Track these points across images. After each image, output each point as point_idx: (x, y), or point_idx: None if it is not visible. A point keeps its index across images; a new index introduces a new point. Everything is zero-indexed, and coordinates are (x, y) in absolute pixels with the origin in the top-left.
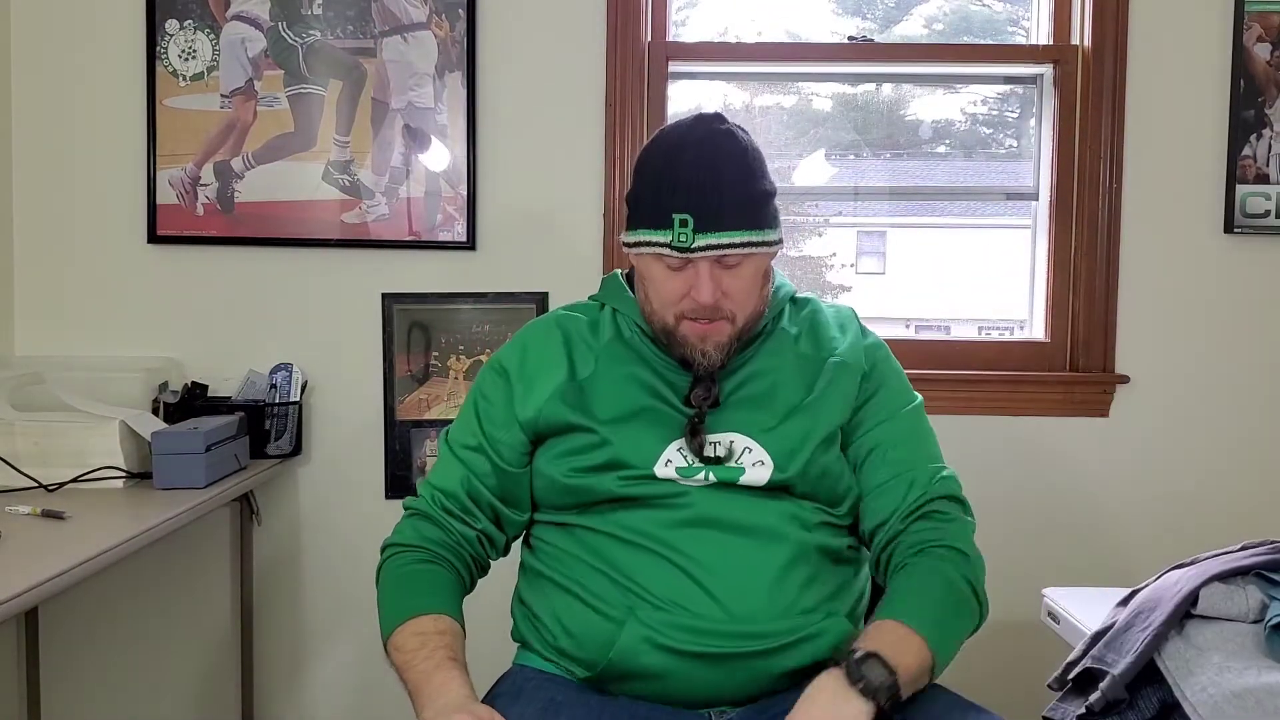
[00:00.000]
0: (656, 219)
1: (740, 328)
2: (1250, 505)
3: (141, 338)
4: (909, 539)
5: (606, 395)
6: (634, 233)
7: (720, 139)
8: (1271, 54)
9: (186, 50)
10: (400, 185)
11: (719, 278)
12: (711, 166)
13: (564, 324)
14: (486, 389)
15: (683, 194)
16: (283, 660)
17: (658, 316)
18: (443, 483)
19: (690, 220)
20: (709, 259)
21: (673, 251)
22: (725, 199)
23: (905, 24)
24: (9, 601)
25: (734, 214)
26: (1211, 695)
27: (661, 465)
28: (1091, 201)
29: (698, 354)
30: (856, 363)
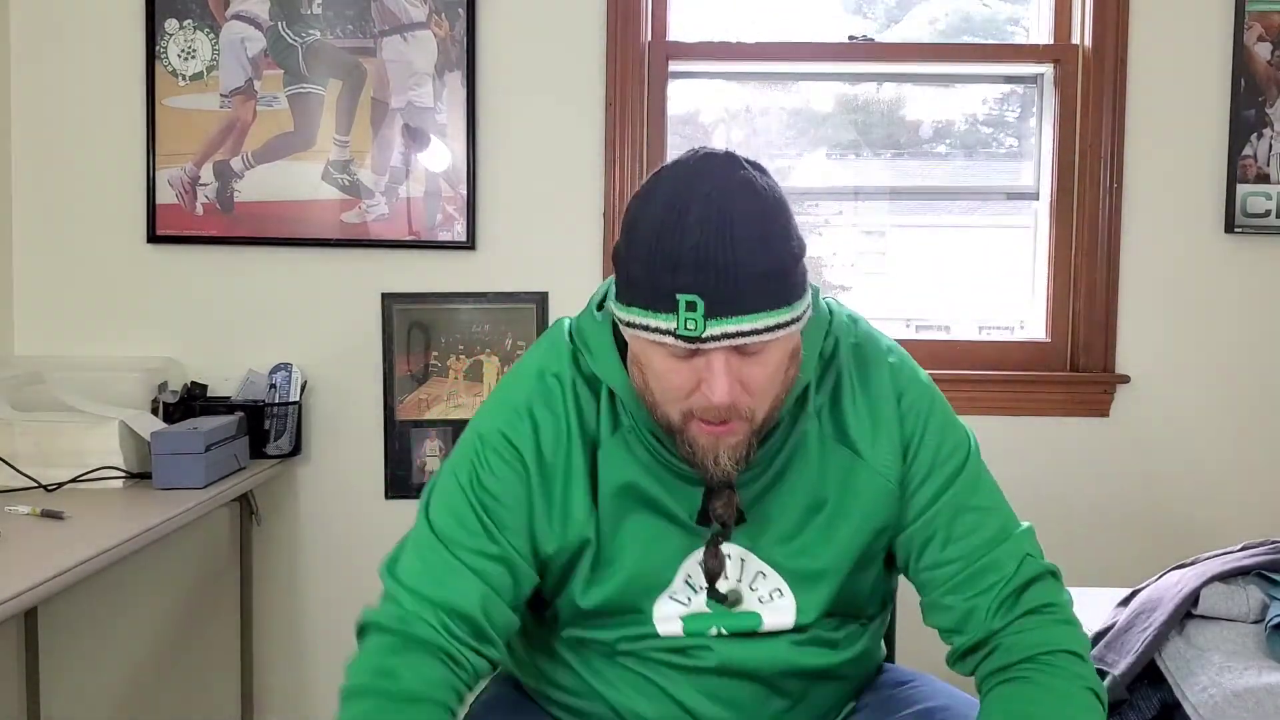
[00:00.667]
0: (655, 299)
1: (760, 424)
2: (1250, 505)
3: (141, 338)
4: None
5: (607, 517)
6: (627, 309)
7: (735, 192)
8: (1272, 54)
9: (186, 50)
10: (400, 185)
11: (736, 368)
12: (725, 232)
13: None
14: (492, 475)
15: (688, 270)
16: (283, 660)
17: (660, 411)
18: (449, 597)
19: (699, 303)
20: (724, 348)
21: (678, 341)
22: (743, 274)
23: (905, 24)
24: (9, 601)
25: (755, 292)
26: (1212, 695)
27: (665, 618)
28: (1092, 201)
29: (709, 462)
30: (892, 468)
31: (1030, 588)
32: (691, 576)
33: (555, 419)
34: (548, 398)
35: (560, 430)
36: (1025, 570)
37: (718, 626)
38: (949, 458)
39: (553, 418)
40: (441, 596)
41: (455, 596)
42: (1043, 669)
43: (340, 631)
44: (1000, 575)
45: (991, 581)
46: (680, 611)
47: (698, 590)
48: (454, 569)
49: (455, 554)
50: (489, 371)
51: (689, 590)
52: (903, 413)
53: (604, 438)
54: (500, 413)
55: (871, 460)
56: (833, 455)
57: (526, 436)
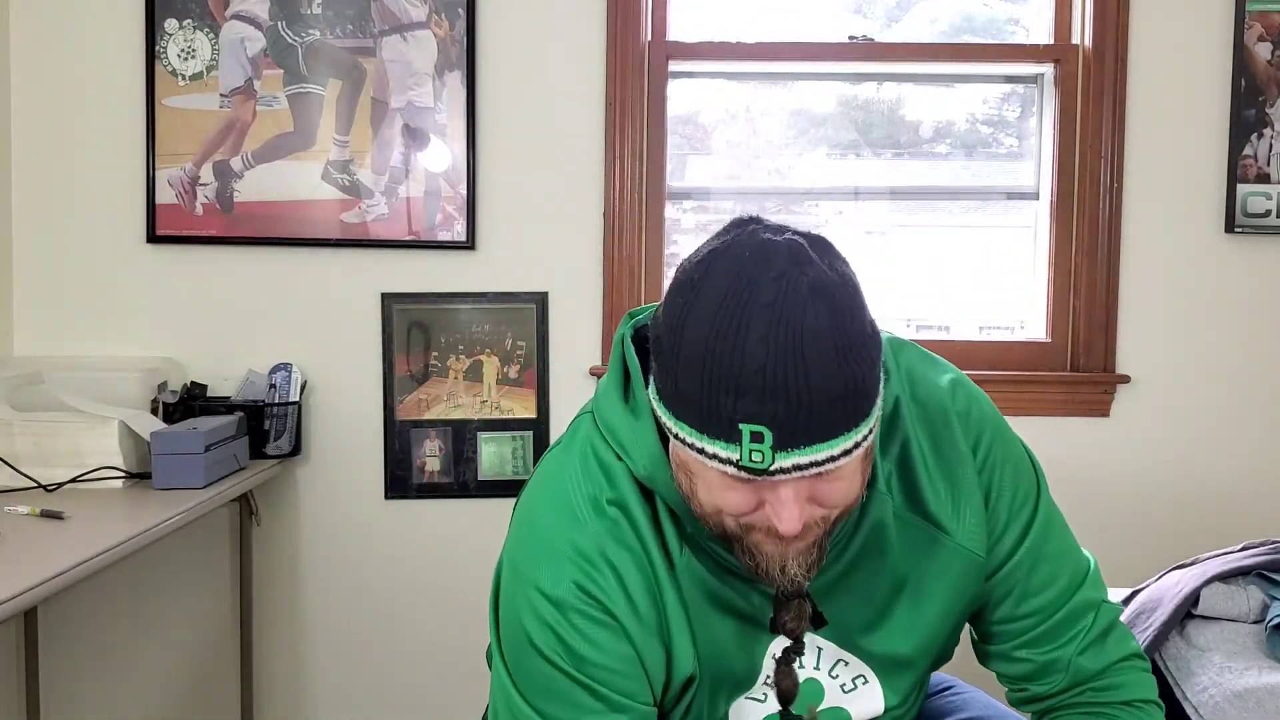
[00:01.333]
0: (713, 424)
1: (832, 527)
2: (1250, 505)
3: (141, 338)
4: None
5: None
6: (676, 422)
7: (804, 301)
8: (1272, 53)
9: (186, 50)
10: (400, 185)
11: (809, 490)
12: (796, 353)
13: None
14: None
15: (754, 398)
16: (282, 660)
17: (712, 520)
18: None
19: (767, 435)
20: (796, 479)
21: (741, 472)
22: (818, 400)
23: (905, 24)
24: (9, 601)
25: (831, 418)
26: (1212, 695)
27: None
28: (1092, 201)
29: (775, 573)
30: (979, 542)
31: (1110, 635)
32: (770, 677)
33: (637, 561)
34: (618, 535)
35: (645, 571)
36: (1102, 618)
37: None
38: (1024, 505)
39: (635, 560)
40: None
41: None
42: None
43: (340, 631)
44: (1079, 628)
45: (1070, 635)
46: (761, 712)
47: (772, 686)
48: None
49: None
50: (489, 371)
51: (765, 686)
52: (979, 464)
53: (675, 554)
54: (566, 564)
55: (956, 534)
56: (911, 531)
57: (613, 589)
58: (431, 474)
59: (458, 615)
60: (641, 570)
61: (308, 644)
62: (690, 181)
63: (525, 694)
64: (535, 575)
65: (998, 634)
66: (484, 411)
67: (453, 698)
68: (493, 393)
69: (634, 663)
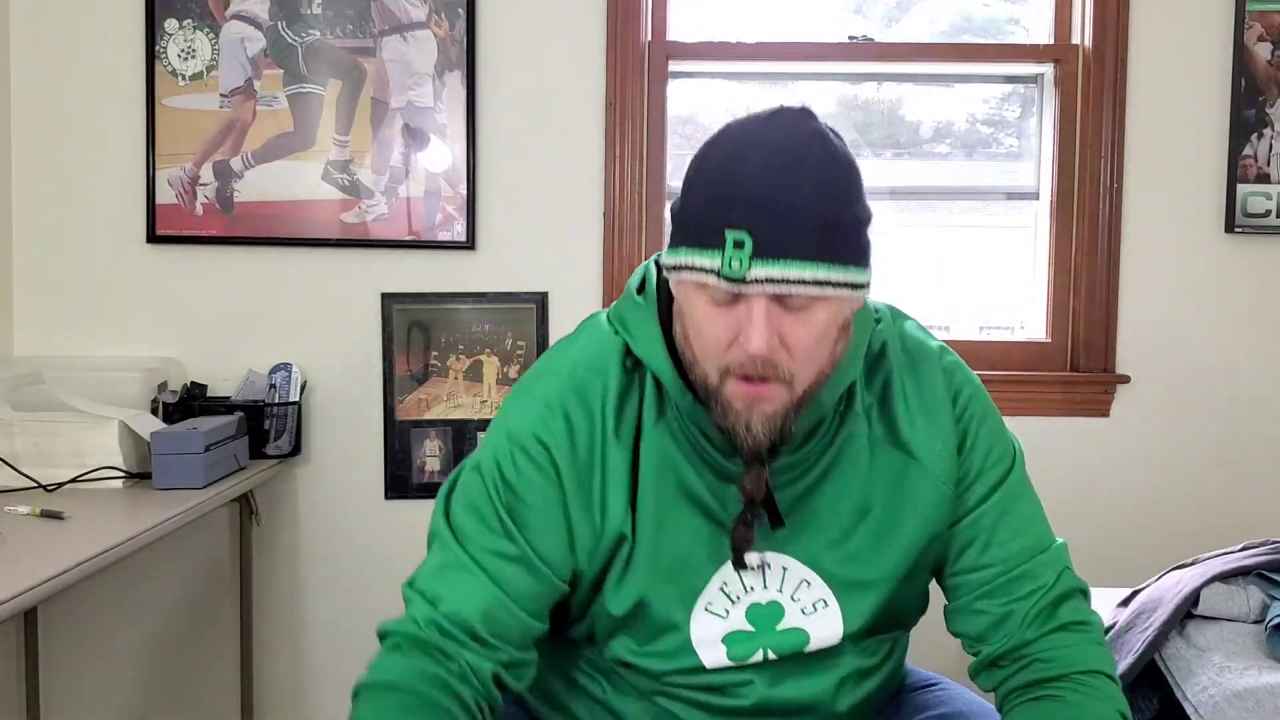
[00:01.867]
0: (705, 236)
1: (799, 395)
2: (1250, 505)
3: (141, 338)
4: (1046, 659)
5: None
6: (674, 253)
7: (806, 140)
8: (1272, 53)
9: (186, 50)
10: (400, 185)
11: (778, 321)
12: (786, 173)
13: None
14: (519, 479)
15: (742, 207)
16: (282, 660)
17: (699, 370)
18: (451, 600)
19: (747, 242)
20: (767, 295)
21: (719, 280)
22: (798, 218)
23: (905, 24)
24: (9, 601)
25: (808, 239)
26: (1212, 695)
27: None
28: (1092, 201)
29: (741, 427)
30: (947, 468)
31: (1066, 602)
32: (728, 584)
33: (590, 416)
34: (583, 393)
35: (596, 426)
36: (1063, 583)
37: (764, 648)
38: (997, 462)
39: (587, 415)
40: (444, 596)
41: (459, 597)
42: (1078, 688)
43: (340, 631)
44: (1038, 584)
45: (1029, 590)
46: (721, 630)
47: (735, 600)
48: (465, 567)
49: (469, 551)
50: (489, 371)
51: (726, 601)
52: (957, 413)
53: (647, 426)
54: (531, 409)
55: (927, 463)
56: (884, 458)
57: (560, 435)
58: (431, 474)
59: None
60: (592, 427)
61: (308, 644)
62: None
63: (453, 505)
64: (505, 418)
65: (961, 584)
66: (484, 411)
67: None
68: (493, 393)
69: (554, 508)
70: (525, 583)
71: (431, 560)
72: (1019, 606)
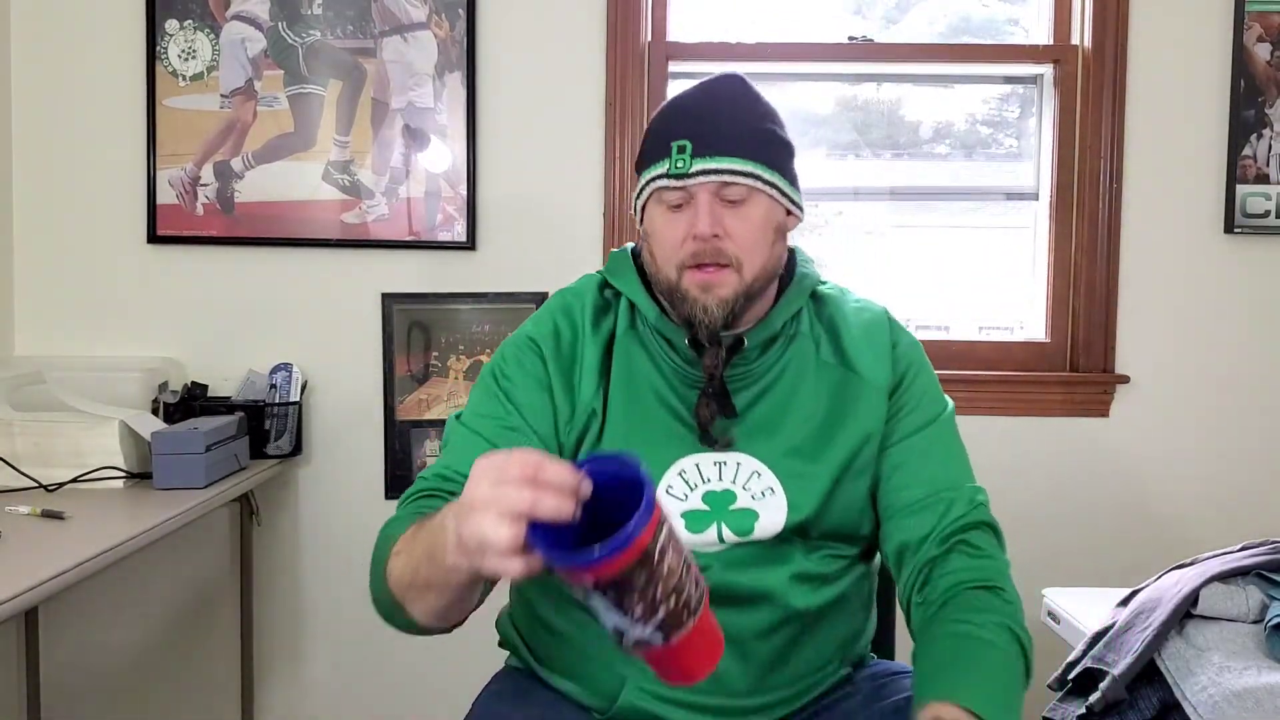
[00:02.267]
0: (654, 151)
1: (748, 282)
2: (1250, 505)
3: (141, 338)
4: (946, 573)
5: (616, 397)
6: (639, 178)
7: (733, 81)
8: (1271, 54)
9: (186, 50)
10: (400, 185)
11: (720, 213)
12: (716, 96)
13: (573, 312)
14: (512, 366)
15: (683, 121)
16: (283, 660)
17: (662, 275)
18: (455, 463)
19: (689, 146)
20: (708, 188)
21: (669, 180)
22: (726, 124)
23: (905, 24)
24: (9, 601)
25: (736, 140)
26: (1211, 695)
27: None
28: (1091, 201)
29: (699, 310)
30: (883, 378)
31: (973, 530)
32: (686, 472)
33: (572, 324)
34: (567, 309)
35: (577, 328)
36: (973, 515)
37: (718, 523)
38: (931, 404)
39: (570, 323)
40: (448, 460)
41: (462, 457)
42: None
43: (341, 631)
44: (954, 513)
45: (942, 513)
46: (679, 509)
47: (693, 487)
48: (467, 437)
49: (471, 427)
50: None
51: (685, 486)
52: (896, 356)
53: (620, 333)
54: (525, 326)
55: (866, 375)
56: (829, 373)
57: (548, 336)
58: None
59: None
60: (574, 329)
61: (308, 644)
62: None
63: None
64: (506, 339)
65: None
66: None
67: (453, 698)
68: None
69: (542, 387)
70: (517, 445)
71: (442, 451)
72: (937, 526)
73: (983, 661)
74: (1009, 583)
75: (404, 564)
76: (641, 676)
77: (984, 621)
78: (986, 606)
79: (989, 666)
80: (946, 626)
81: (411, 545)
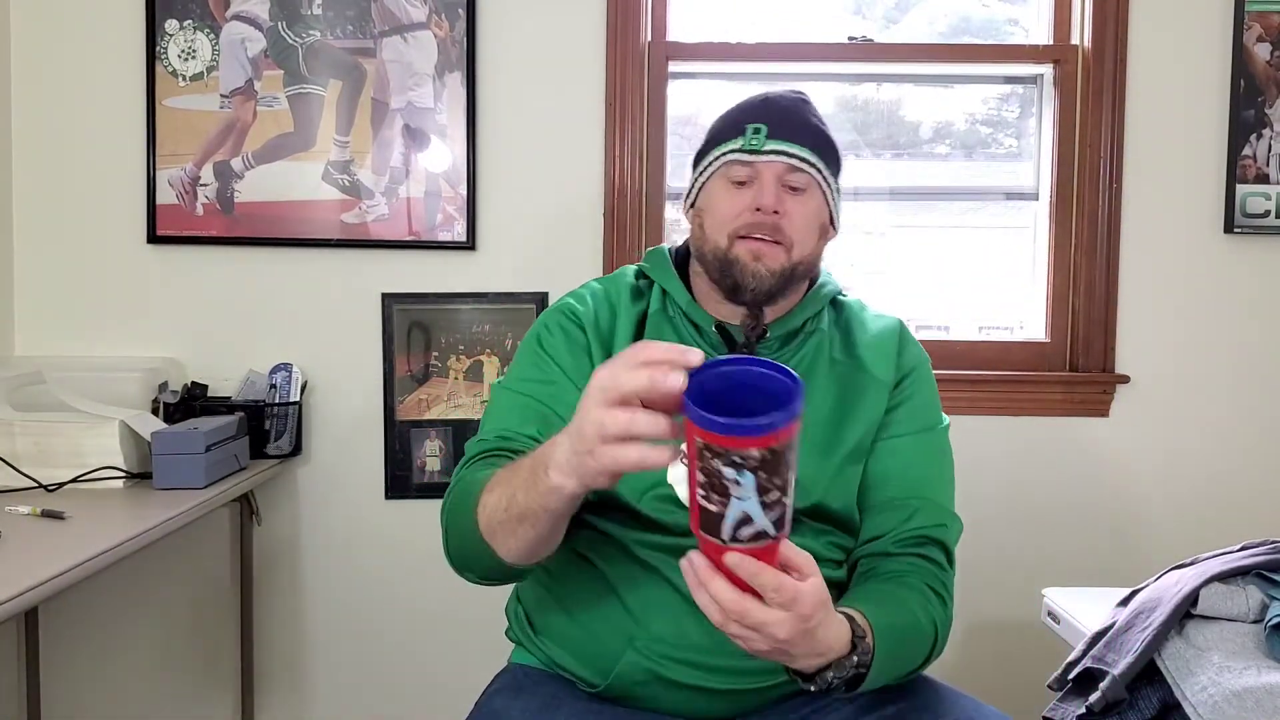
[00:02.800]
0: (728, 131)
1: (795, 262)
2: (1250, 505)
3: (141, 338)
4: (897, 565)
5: None
6: (703, 159)
7: (799, 93)
8: (1271, 54)
9: (186, 50)
10: (400, 185)
11: (783, 196)
12: (792, 100)
13: (610, 294)
14: (554, 333)
15: (759, 108)
16: (283, 660)
17: (711, 243)
18: (507, 423)
19: (764, 128)
20: (777, 168)
21: (741, 154)
22: (799, 118)
23: (905, 24)
24: (9, 601)
25: (808, 135)
26: (1211, 695)
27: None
28: (1091, 201)
29: (749, 275)
30: (887, 375)
31: (932, 546)
32: None
33: (610, 303)
34: (605, 292)
35: (615, 306)
36: (936, 533)
37: None
38: (927, 413)
39: (608, 303)
40: (501, 424)
41: (515, 420)
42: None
43: (341, 631)
44: (920, 523)
45: (907, 517)
46: None
47: None
48: (514, 400)
49: (518, 389)
50: (489, 371)
51: None
52: (901, 362)
53: (651, 312)
54: (562, 302)
55: (872, 370)
56: (840, 368)
57: (587, 310)
58: (432, 474)
59: (458, 615)
60: (611, 307)
61: (308, 644)
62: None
63: (509, 374)
64: (546, 311)
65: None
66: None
67: (453, 698)
68: None
69: (582, 352)
70: (567, 403)
71: (487, 415)
72: (896, 530)
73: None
74: (951, 597)
75: (498, 498)
76: (648, 638)
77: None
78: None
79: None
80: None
81: (510, 477)
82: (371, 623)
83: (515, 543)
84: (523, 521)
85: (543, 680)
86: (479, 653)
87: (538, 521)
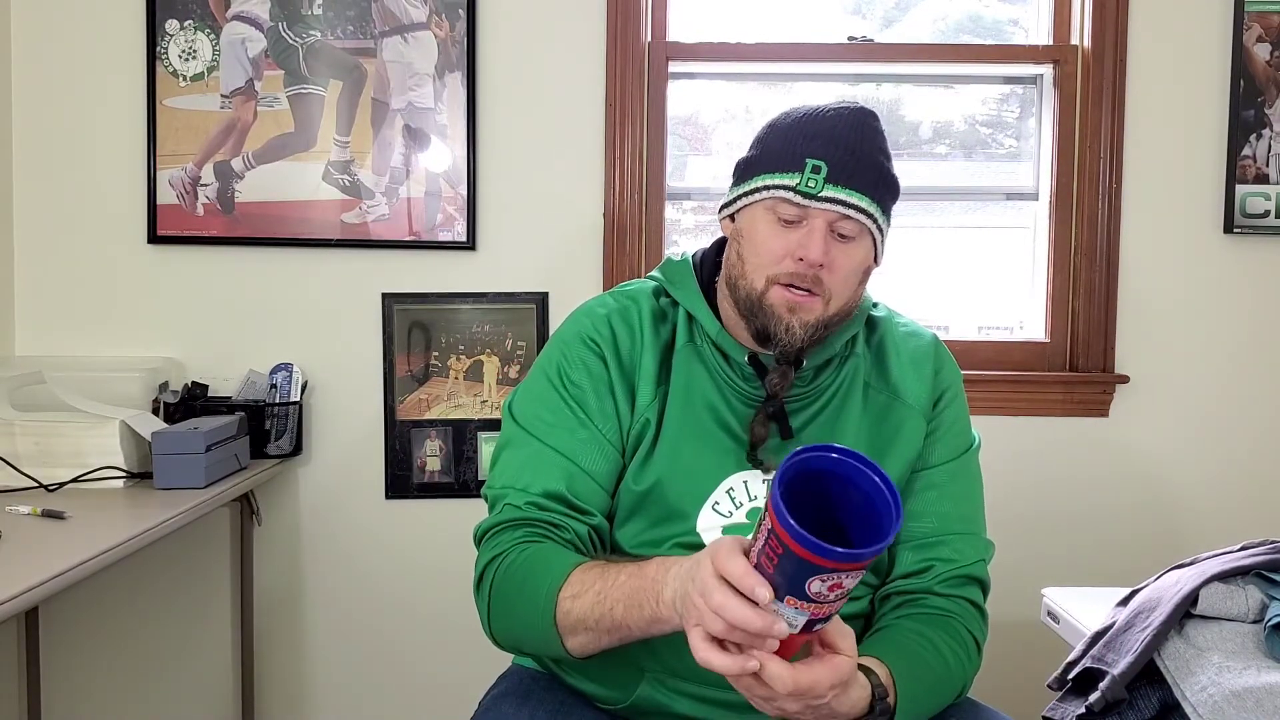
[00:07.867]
0: (785, 161)
1: (830, 315)
2: (1250, 505)
3: (141, 338)
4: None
5: (673, 409)
6: (750, 181)
7: (867, 114)
8: (1271, 54)
9: (187, 50)
10: (400, 185)
11: (830, 244)
12: (857, 128)
13: (629, 315)
14: (574, 366)
15: (823, 141)
16: (282, 660)
17: (746, 281)
18: (538, 483)
19: (824, 167)
20: (828, 217)
21: (796, 195)
22: (864, 161)
23: (905, 24)
24: (9, 601)
25: (868, 178)
26: (1211, 695)
27: (708, 528)
28: (1091, 201)
29: (781, 328)
30: (924, 401)
31: (972, 585)
32: (734, 490)
33: (630, 329)
34: (624, 313)
35: (635, 335)
36: (975, 570)
37: None
38: (961, 435)
39: (628, 328)
40: (531, 480)
41: (545, 477)
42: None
43: (341, 631)
44: (959, 557)
45: (948, 556)
46: (721, 523)
47: (739, 505)
48: (542, 453)
49: (544, 439)
50: (489, 372)
51: (731, 504)
52: (937, 382)
53: (679, 345)
54: (581, 323)
55: (910, 401)
56: (876, 397)
57: (607, 339)
58: (432, 474)
59: (459, 615)
60: (632, 335)
61: (308, 644)
62: (690, 182)
63: (518, 411)
64: (561, 334)
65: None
66: (484, 411)
67: (454, 698)
68: (493, 393)
69: (606, 392)
70: (595, 456)
71: (508, 459)
72: (936, 566)
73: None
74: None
75: (589, 607)
76: (659, 669)
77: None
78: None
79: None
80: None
81: (605, 588)
82: (371, 622)
83: (595, 646)
84: (614, 633)
85: (550, 686)
86: (480, 652)
87: (629, 636)
